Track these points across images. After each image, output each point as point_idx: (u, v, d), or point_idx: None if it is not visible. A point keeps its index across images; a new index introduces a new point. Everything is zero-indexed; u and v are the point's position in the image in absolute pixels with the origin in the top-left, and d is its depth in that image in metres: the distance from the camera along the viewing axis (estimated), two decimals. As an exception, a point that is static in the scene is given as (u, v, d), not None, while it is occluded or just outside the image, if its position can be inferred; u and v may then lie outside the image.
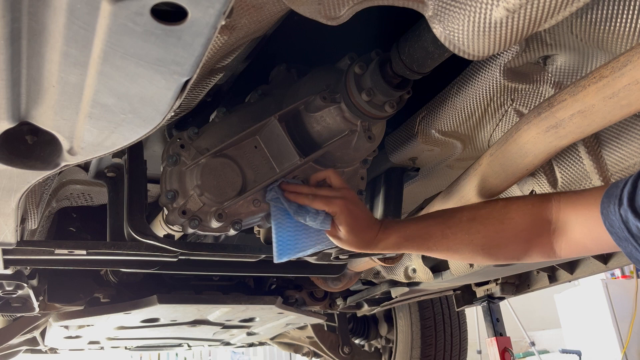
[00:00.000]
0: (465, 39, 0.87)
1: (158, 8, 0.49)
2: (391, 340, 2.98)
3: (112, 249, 1.35)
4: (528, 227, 1.02)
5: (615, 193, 0.84)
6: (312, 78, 1.24)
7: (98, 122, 0.68)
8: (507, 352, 2.46)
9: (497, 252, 1.06)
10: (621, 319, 5.38)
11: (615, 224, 0.84)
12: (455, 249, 1.09)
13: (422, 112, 1.40)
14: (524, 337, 6.02)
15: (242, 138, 1.19)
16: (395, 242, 1.12)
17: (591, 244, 0.95)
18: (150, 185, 1.43)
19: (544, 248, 1.02)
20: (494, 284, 2.26)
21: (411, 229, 1.13)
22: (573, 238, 0.97)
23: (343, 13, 0.89)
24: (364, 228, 1.13)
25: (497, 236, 1.04)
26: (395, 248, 1.13)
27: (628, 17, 0.93)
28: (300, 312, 2.30)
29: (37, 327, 2.42)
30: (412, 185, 1.69)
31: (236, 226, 1.18)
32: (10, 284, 1.61)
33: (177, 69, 0.58)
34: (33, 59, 0.57)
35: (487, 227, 1.05)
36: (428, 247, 1.10)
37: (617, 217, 0.83)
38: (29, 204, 1.23)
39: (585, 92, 0.94)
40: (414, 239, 1.11)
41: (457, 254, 1.11)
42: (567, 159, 1.25)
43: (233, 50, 1.03)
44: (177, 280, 2.26)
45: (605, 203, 0.87)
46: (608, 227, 0.86)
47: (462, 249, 1.08)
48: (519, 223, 1.03)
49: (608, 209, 0.86)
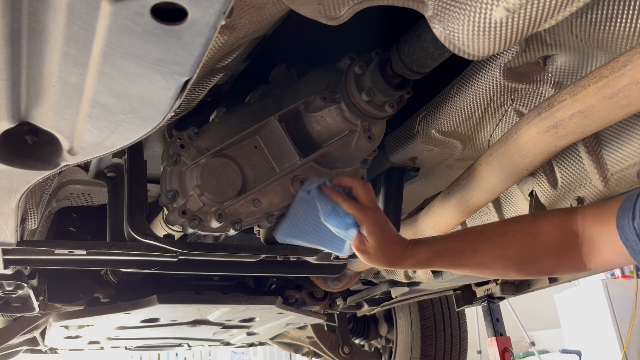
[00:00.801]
0: (465, 39, 0.87)
1: (158, 8, 0.49)
2: (391, 340, 2.98)
3: (112, 249, 1.35)
4: (558, 241, 1.01)
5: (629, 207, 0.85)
6: (312, 78, 1.24)
7: (98, 122, 0.68)
8: (507, 352, 2.46)
9: (530, 266, 1.05)
10: (621, 319, 5.38)
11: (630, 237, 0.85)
12: (487, 265, 1.07)
13: (422, 112, 1.40)
14: (524, 337, 6.02)
15: (242, 138, 1.19)
16: (425, 258, 1.08)
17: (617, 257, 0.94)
18: (150, 185, 1.43)
19: (574, 262, 1.01)
20: (494, 284, 2.26)
21: (442, 245, 1.10)
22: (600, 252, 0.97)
23: (343, 13, 0.89)
24: (393, 243, 1.09)
25: (529, 250, 1.03)
26: (425, 264, 1.10)
27: (628, 17, 0.93)
28: (300, 312, 2.30)
29: (37, 327, 2.42)
30: (412, 185, 1.69)
31: (236, 226, 1.18)
32: (10, 284, 1.61)
33: (177, 69, 0.58)
34: (33, 59, 0.57)
35: (518, 241, 1.04)
36: (459, 262, 1.08)
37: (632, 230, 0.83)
38: (29, 204, 1.23)
39: (585, 92, 0.94)
40: (445, 254, 1.08)
41: (489, 269, 1.08)
42: (567, 159, 1.25)
43: (233, 50, 1.03)
44: (177, 280, 2.26)
45: (620, 217, 0.88)
46: (624, 241, 0.87)
47: (494, 264, 1.06)
48: (548, 237, 1.02)
49: (623, 223, 0.86)
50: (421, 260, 1.09)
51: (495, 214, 1.53)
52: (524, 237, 1.04)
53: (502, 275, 1.09)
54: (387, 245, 1.08)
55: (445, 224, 1.42)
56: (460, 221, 1.41)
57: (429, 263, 1.09)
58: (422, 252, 1.09)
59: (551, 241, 1.02)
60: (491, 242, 1.06)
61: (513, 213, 1.48)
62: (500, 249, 1.05)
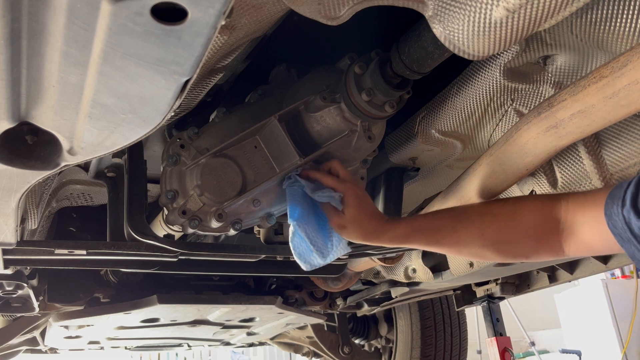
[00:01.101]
0: (465, 39, 0.87)
1: (158, 8, 0.49)
2: (391, 340, 2.98)
3: (112, 249, 1.35)
4: (538, 225, 1.02)
5: (619, 194, 0.85)
6: (312, 78, 1.24)
7: (98, 122, 0.68)
8: (507, 352, 2.46)
9: (507, 248, 1.06)
10: (621, 319, 5.38)
11: (618, 224, 0.84)
12: (465, 243, 1.08)
13: (422, 112, 1.40)
14: (524, 337, 6.03)
15: (242, 138, 1.19)
16: (403, 233, 1.10)
17: (599, 244, 0.95)
18: (150, 185, 1.43)
19: (553, 247, 1.02)
20: (494, 284, 2.26)
21: (420, 221, 1.11)
22: (581, 238, 0.97)
23: (343, 13, 0.89)
24: (371, 217, 1.11)
25: (508, 231, 1.04)
26: (403, 239, 1.11)
27: (628, 17, 0.93)
28: (300, 312, 2.30)
29: (37, 327, 2.42)
30: (412, 185, 1.69)
31: (236, 226, 1.18)
32: (10, 284, 1.61)
33: (177, 69, 0.58)
34: (33, 59, 0.57)
35: (498, 221, 1.05)
36: (437, 240, 1.09)
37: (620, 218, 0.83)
38: (29, 204, 1.23)
39: (585, 92, 0.94)
40: (423, 230, 1.10)
41: (466, 248, 1.09)
42: (567, 159, 1.25)
43: (233, 50, 1.03)
44: (177, 280, 2.26)
45: (609, 204, 0.87)
46: (611, 228, 0.87)
47: (472, 242, 1.07)
48: (529, 220, 1.03)
49: (611, 210, 0.86)
50: (399, 234, 1.10)
51: (495, 214, 1.53)
52: (504, 218, 1.05)
53: (478, 255, 1.09)
54: (365, 219, 1.10)
55: (445, 224, 1.42)
56: (460, 221, 1.41)
57: (407, 238, 1.11)
58: (401, 227, 1.10)
59: (531, 224, 1.02)
60: (470, 220, 1.07)
61: (513, 213, 1.48)
62: (479, 229, 1.05)
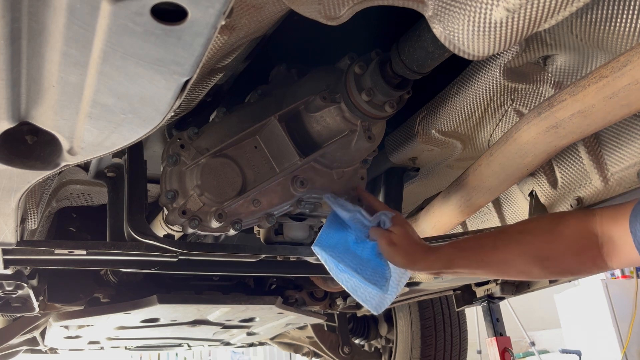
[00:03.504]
0: (465, 39, 0.87)
1: (158, 8, 0.49)
2: (391, 340, 2.98)
3: (112, 249, 1.35)
4: (577, 240, 1.02)
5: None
6: (312, 78, 1.24)
7: (98, 122, 0.68)
8: (507, 352, 2.46)
9: (551, 264, 1.06)
10: (621, 319, 5.38)
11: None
12: (509, 261, 1.08)
13: (422, 112, 1.40)
14: (524, 337, 6.02)
15: (242, 138, 1.18)
16: (447, 255, 1.12)
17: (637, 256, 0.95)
18: (150, 185, 1.43)
19: (596, 261, 1.02)
20: (494, 284, 2.26)
21: (462, 242, 1.14)
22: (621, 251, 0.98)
23: (343, 13, 0.89)
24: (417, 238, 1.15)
25: (548, 247, 1.04)
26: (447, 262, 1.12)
27: (628, 17, 0.93)
28: (300, 312, 2.30)
29: (37, 327, 2.41)
30: (412, 185, 1.69)
31: (236, 226, 1.18)
32: (10, 284, 1.61)
33: (177, 69, 0.58)
34: (33, 59, 0.57)
35: (537, 237, 1.05)
36: (481, 259, 1.09)
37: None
38: (29, 204, 1.23)
39: (585, 92, 0.95)
40: (466, 249, 1.11)
41: (512, 267, 1.09)
42: (567, 159, 1.25)
43: (233, 50, 1.03)
44: (177, 280, 2.26)
45: (632, 221, 0.89)
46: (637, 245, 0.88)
47: (515, 260, 1.07)
48: (567, 236, 1.03)
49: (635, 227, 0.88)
50: (443, 256, 1.12)
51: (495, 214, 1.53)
52: (543, 234, 1.05)
53: (525, 273, 1.10)
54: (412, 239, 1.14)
55: (445, 224, 1.42)
56: (460, 221, 1.41)
57: (451, 261, 1.12)
58: (444, 249, 1.13)
59: (571, 239, 1.02)
60: (510, 239, 1.08)
61: (513, 213, 1.48)
62: (518, 245, 1.06)
